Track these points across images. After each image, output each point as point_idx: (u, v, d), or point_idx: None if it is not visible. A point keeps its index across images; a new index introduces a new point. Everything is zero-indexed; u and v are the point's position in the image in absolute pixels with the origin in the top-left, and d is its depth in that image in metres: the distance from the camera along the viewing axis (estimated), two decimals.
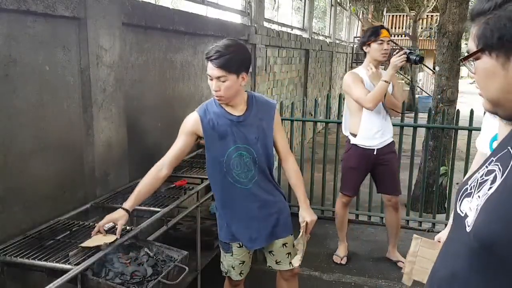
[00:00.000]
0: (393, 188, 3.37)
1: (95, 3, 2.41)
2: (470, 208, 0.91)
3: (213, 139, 2.01)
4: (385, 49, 3.08)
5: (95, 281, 1.70)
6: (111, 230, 1.90)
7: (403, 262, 3.25)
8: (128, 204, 1.97)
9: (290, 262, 2.20)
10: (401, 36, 18.68)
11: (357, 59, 14.12)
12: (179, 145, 2.10)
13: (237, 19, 5.10)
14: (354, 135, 3.28)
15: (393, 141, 3.36)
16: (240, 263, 2.17)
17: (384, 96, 3.09)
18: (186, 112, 3.60)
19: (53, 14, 2.17)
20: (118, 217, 1.90)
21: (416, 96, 14.36)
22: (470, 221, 0.89)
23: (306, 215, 2.09)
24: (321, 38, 10.07)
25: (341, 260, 3.53)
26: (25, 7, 1.99)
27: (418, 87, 15.89)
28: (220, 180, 2.05)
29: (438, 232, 1.78)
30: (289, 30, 7.38)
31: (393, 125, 4.15)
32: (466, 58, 0.90)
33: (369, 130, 3.21)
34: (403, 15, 18.26)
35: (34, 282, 2.00)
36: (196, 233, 2.63)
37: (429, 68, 14.16)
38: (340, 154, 3.98)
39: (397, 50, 3.05)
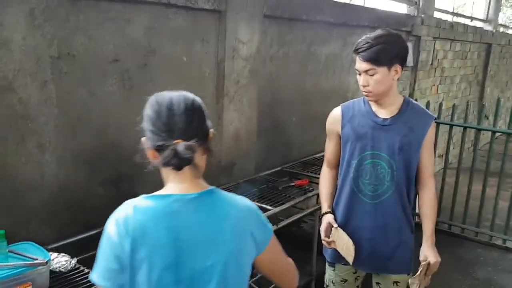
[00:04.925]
0: None
1: None
2: None
3: (349, 137, 1.83)
4: None
5: None
6: None
7: None
8: (326, 206, 1.93)
9: None
10: None
11: None
12: (330, 148, 1.95)
13: (402, 9, 4.70)
14: None
15: None
16: (341, 281, 1.97)
17: None
18: (326, 108, 3.45)
19: (194, 7, 2.26)
20: (328, 218, 1.87)
21: None
22: None
23: (430, 254, 1.75)
24: (510, 31, 8.69)
25: None
26: (166, 0, 2.10)
27: None
28: (346, 184, 1.87)
29: None
30: (467, 21, 6.53)
31: None
32: None
33: None
34: None
35: None
36: (313, 236, 2.52)
37: None
38: (507, 167, 3.35)
39: None
